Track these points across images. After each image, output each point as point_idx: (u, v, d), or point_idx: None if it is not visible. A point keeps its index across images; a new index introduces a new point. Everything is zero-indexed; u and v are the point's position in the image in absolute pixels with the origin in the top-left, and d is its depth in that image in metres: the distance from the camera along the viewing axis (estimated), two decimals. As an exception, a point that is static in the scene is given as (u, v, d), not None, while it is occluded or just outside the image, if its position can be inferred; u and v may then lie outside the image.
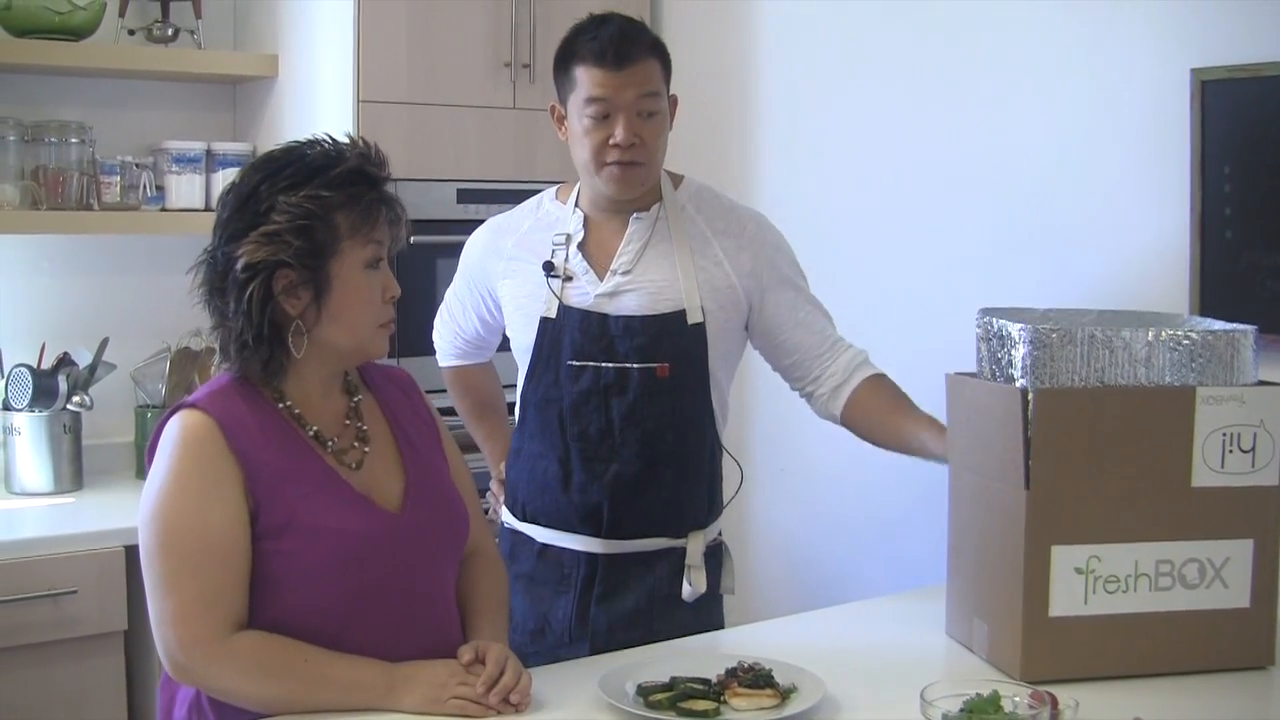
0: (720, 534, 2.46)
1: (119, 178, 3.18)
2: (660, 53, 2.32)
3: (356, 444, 1.91)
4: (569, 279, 2.34)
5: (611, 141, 2.26)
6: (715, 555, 2.44)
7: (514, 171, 3.42)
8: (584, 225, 2.37)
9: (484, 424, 2.70)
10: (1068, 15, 2.79)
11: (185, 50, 3.31)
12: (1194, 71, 2.54)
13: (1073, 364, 1.94)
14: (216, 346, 1.86)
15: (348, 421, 1.92)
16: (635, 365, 2.30)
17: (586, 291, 2.33)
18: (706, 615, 2.38)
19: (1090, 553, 1.93)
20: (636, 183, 2.31)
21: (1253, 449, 1.96)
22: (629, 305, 2.32)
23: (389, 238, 1.88)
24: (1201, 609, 1.96)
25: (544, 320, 2.34)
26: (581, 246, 2.36)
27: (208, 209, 3.20)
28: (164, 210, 3.27)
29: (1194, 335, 1.97)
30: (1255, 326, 2.02)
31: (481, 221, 3.34)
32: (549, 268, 2.35)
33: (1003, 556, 1.97)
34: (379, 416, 1.97)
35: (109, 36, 3.21)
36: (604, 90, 2.26)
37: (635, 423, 2.31)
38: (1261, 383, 2.01)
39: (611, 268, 2.34)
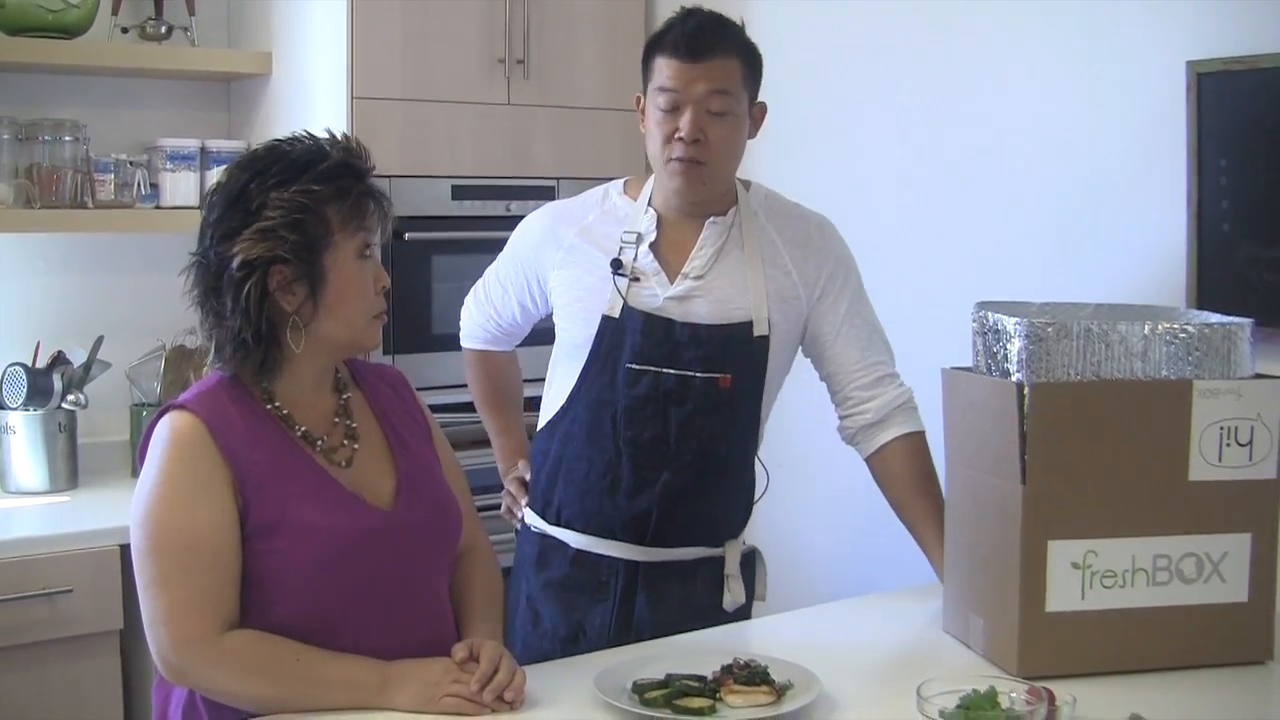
0: (745, 540, 2.43)
1: (113, 176, 3.18)
2: (745, 52, 2.26)
3: (346, 441, 1.90)
4: (635, 279, 2.29)
5: (676, 135, 2.22)
6: (749, 562, 2.42)
7: (509, 168, 3.41)
8: (656, 225, 2.32)
9: (499, 414, 2.65)
10: (1064, 9, 2.79)
11: (179, 48, 3.30)
12: (1190, 64, 2.53)
13: (1068, 358, 1.93)
14: (211, 348, 1.85)
15: (336, 419, 1.92)
16: (698, 374, 2.26)
17: (656, 293, 2.29)
18: (739, 621, 2.36)
19: (1087, 548, 1.92)
20: (698, 182, 2.26)
21: (1250, 442, 1.95)
22: (698, 312, 2.28)
23: (378, 229, 1.88)
24: (1199, 604, 1.95)
25: (605, 319, 2.29)
26: (653, 247, 2.31)
27: (203, 210, 3.19)
28: (158, 208, 3.26)
29: (1190, 328, 1.96)
30: (1252, 319, 2.01)
31: (476, 218, 3.37)
32: (617, 265, 2.30)
33: (999, 552, 1.96)
34: (368, 414, 1.97)
35: (102, 34, 3.20)
36: (674, 81, 2.22)
37: (692, 432, 2.27)
38: (1259, 375, 2.00)
39: (683, 271, 2.30)
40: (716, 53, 2.22)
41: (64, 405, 3.10)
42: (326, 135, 1.88)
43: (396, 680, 1.77)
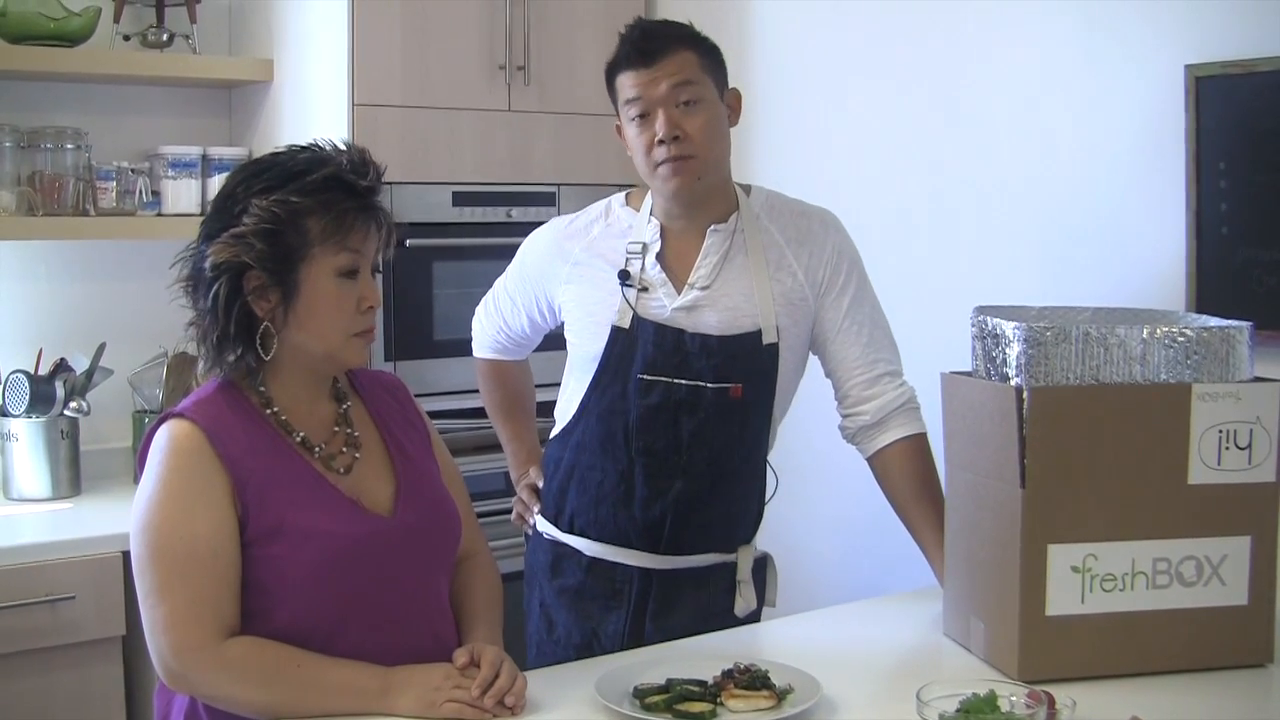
0: (756, 546, 2.43)
1: (115, 183, 3.19)
2: (697, 44, 2.27)
3: (345, 449, 1.91)
4: (644, 290, 2.29)
5: (657, 140, 2.23)
6: (760, 569, 2.42)
7: (509, 174, 3.42)
8: (660, 235, 2.32)
9: (511, 422, 2.65)
10: (1062, 12, 2.79)
11: (180, 55, 3.31)
12: (1188, 68, 2.53)
13: (1068, 362, 1.93)
14: (197, 342, 1.87)
15: (336, 428, 1.92)
16: (709, 385, 2.26)
17: (663, 304, 2.29)
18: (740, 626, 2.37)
19: (1087, 551, 1.92)
20: (691, 175, 2.25)
21: (1249, 445, 1.95)
22: (707, 323, 2.27)
23: (368, 248, 1.86)
24: (1199, 607, 1.95)
25: (615, 330, 2.29)
26: (659, 257, 2.31)
27: (204, 214, 3.20)
28: (160, 215, 3.27)
29: (1189, 332, 1.96)
30: (1250, 323, 2.02)
31: (477, 225, 3.37)
32: (624, 276, 2.30)
33: (999, 556, 1.96)
34: (368, 422, 1.97)
35: (104, 42, 3.21)
36: (636, 90, 2.24)
37: (704, 441, 2.27)
38: (1257, 379, 2.00)
39: (689, 281, 2.29)
40: (667, 50, 2.23)
41: (66, 412, 3.10)
42: (342, 146, 1.88)
43: (398, 686, 1.78)
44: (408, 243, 3.24)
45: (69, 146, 3.14)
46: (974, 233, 2.99)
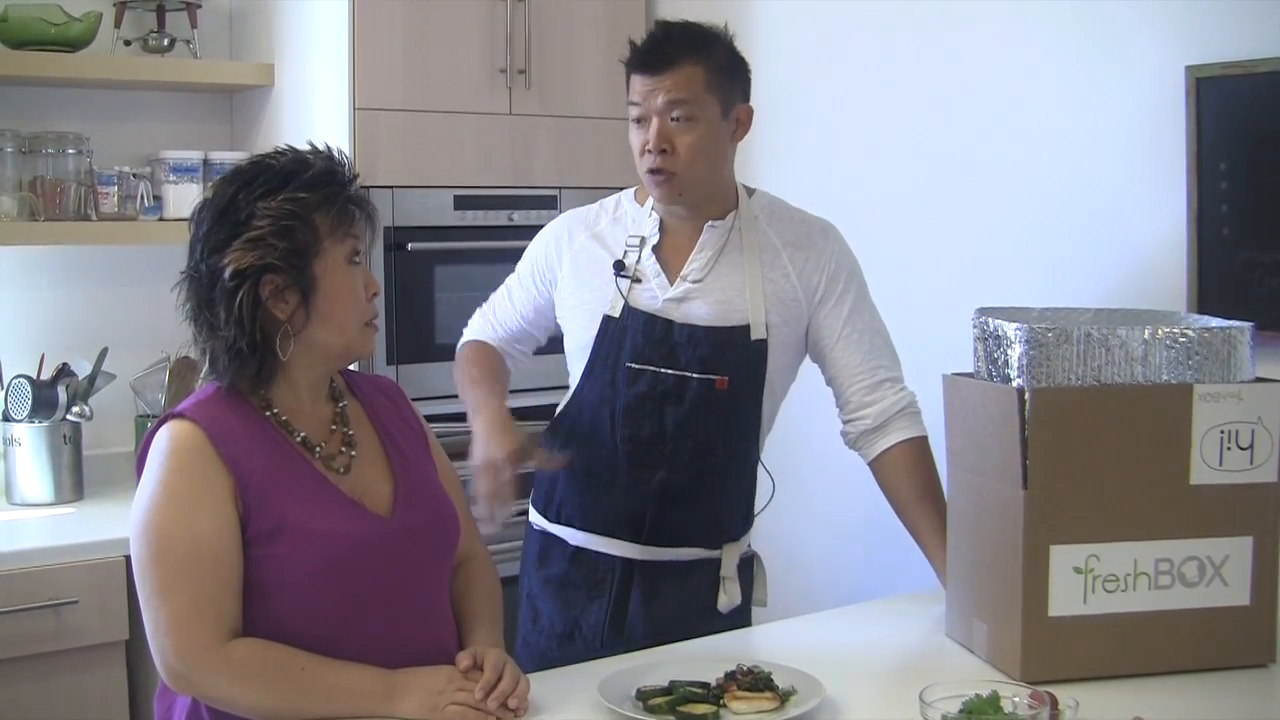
0: (750, 545, 2.45)
1: (116, 188, 3.19)
2: (708, 58, 2.26)
3: (343, 449, 1.92)
4: (637, 280, 2.33)
5: (646, 148, 2.26)
6: (748, 567, 2.43)
7: (511, 178, 3.42)
8: (659, 229, 2.36)
9: (481, 388, 2.39)
10: (1062, 13, 2.79)
11: (181, 60, 3.32)
12: (1189, 69, 2.54)
13: (1069, 363, 1.94)
14: (207, 361, 1.87)
15: (334, 427, 1.93)
16: (695, 375, 2.28)
17: (655, 295, 2.32)
18: (738, 626, 2.37)
19: (1089, 552, 1.93)
20: (673, 190, 2.29)
21: (1251, 446, 1.95)
22: (696, 314, 2.31)
23: (366, 234, 1.91)
24: (1201, 607, 1.96)
25: (606, 318, 2.33)
26: (655, 249, 2.35)
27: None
28: (162, 220, 3.27)
29: (1190, 333, 1.97)
30: (1252, 323, 2.02)
31: (478, 228, 3.38)
32: (619, 267, 2.34)
33: (1001, 557, 1.97)
34: (365, 422, 1.99)
35: (105, 47, 3.22)
36: (637, 95, 2.28)
37: (688, 432, 2.30)
38: (1259, 379, 2.00)
39: (682, 274, 2.33)
40: (674, 63, 2.24)
41: (69, 417, 3.11)
42: (309, 147, 1.91)
43: (401, 688, 1.78)
44: (409, 246, 3.24)
45: (70, 151, 3.15)
46: (975, 234, 2.99)
